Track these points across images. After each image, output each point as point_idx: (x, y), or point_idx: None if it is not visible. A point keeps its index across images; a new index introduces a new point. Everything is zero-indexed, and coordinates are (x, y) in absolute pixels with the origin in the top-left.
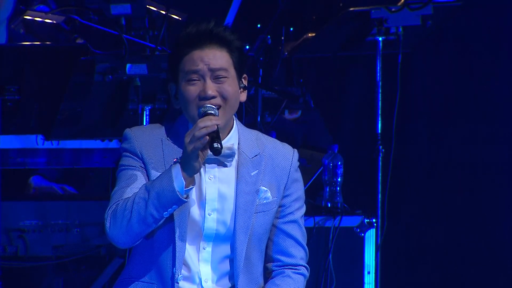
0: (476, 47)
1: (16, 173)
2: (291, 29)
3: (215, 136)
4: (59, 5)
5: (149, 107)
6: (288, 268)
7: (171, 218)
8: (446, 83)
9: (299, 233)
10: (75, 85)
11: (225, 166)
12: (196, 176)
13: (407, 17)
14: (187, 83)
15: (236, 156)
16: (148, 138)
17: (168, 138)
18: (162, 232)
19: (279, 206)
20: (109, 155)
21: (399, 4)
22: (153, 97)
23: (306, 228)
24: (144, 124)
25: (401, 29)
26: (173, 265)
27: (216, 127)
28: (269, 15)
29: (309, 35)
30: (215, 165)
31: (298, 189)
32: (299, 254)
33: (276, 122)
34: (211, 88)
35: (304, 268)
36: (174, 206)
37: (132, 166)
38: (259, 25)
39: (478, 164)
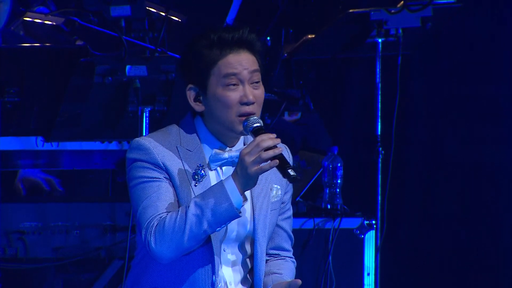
0: (476, 48)
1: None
2: (291, 30)
3: (283, 160)
4: (58, 7)
5: (149, 109)
6: (281, 258)
7: None
8: (446, 84)
9: (290, 227)
10: (75, 86)
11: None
12: (215, 178)
13: (406, 19)
14: (225, 88)
15: None
16: (165, 146)
17: (182, 145)
18: None
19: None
20: (109, 156)
21: (399, 6)
22: (153, 99)
23: (306, 229)
24: (144, 126)
25: (400, 30)
26: (213, 272)
27: (281, 150)
28: (269, 17)
29: (309, 36)
30: (231, 167)
31: (292, 186)
32: (289, 247)
33: (276, 124)
34: (252, 93)
35: (293, 258)
36: (227, 222)
37: (156, 178)
38: (258, 27)
39: (478, 165)
